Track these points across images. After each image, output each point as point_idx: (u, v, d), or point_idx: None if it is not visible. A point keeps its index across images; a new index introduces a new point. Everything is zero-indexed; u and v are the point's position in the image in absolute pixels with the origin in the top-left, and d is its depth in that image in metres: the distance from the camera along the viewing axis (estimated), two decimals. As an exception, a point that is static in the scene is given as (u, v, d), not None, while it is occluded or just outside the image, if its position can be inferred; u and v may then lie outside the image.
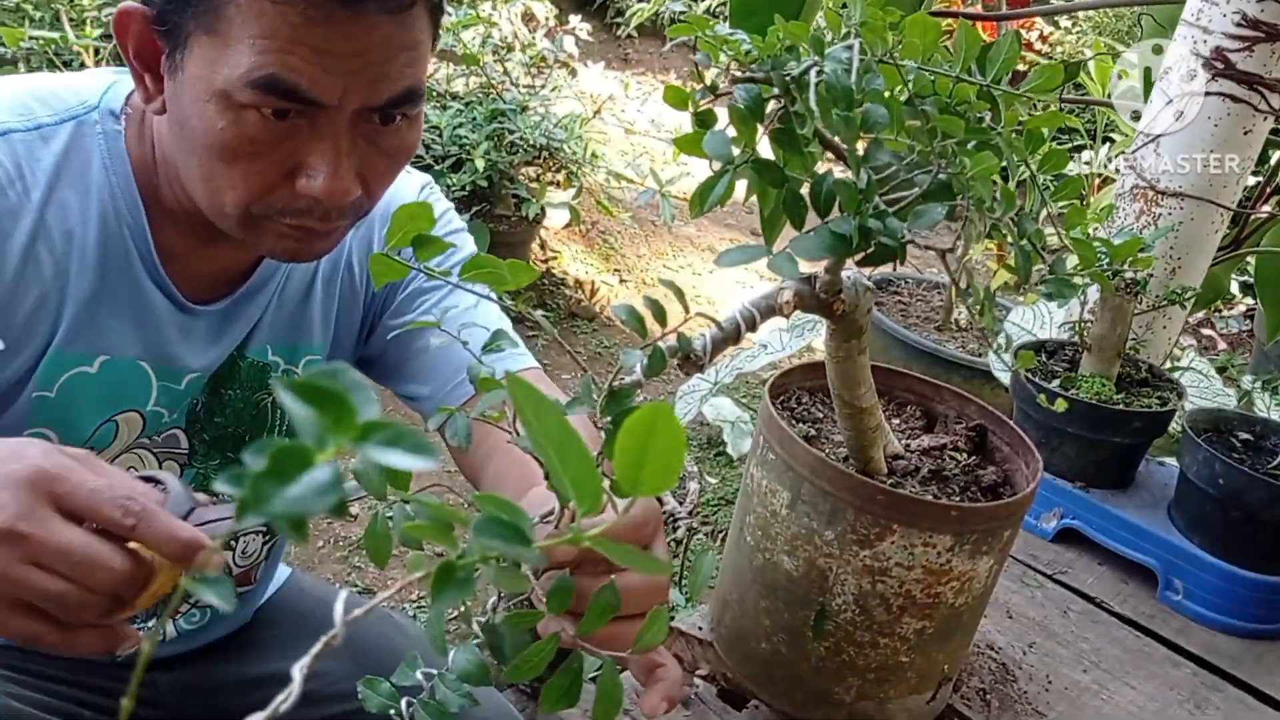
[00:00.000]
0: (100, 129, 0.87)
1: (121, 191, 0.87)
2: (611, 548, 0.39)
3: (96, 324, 0.88)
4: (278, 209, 0.80)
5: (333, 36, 0.73)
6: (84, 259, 0.86)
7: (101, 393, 0.90)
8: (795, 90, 0.61)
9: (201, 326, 0.94)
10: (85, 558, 0.57)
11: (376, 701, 0.62)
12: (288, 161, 0.78)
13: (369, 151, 0.81)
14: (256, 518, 0.25)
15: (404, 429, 0.26)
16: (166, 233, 0.90)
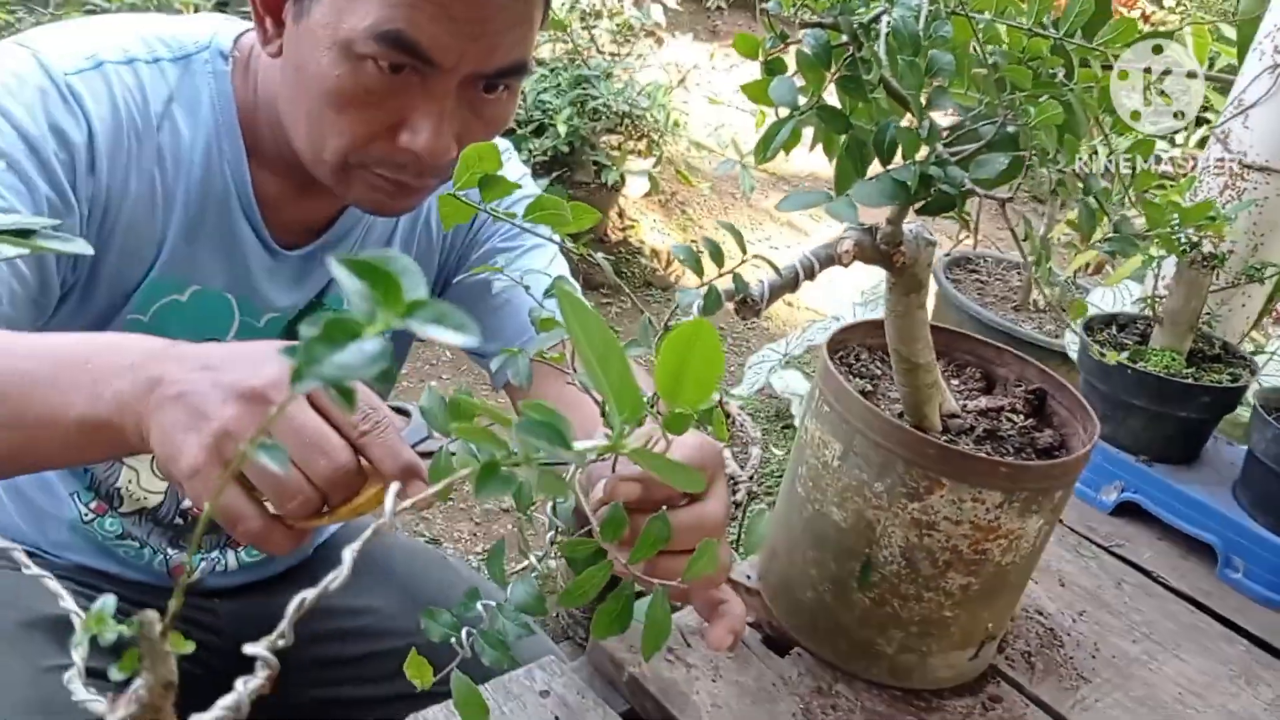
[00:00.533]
0: (210, 69, 0.91)
1: (226, 130, 0.91)
2: (646, 457, 0.41)
3: (192, 255, 0.93)
4: (374, 159, 0.84)
5: (458, 2, 0.77)
6: (189, 190, 0.91)
7: (188, 321, 0.94)
8: (863, 36, 0.62)
9: (285, 270, 0.98)
10: (315, 442, 0.59)
11: (438, 630, 0.65)
12: (393, 115, 0.82)
13: (469, 116, 0.85)
14: (310, 383, 0.27)
15: (447, 308, 0.28)
16: (263, 175, 0.94)
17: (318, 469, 0.60)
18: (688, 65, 4.97)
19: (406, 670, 0.57)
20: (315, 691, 1.14)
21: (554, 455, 0.38)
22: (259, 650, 0.36)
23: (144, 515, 1.05)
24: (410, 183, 0.87)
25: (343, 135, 0.83)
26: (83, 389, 0.64)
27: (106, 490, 1.02)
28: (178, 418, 0.60)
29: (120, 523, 1.04)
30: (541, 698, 0.75)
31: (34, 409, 0.65)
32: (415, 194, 0.89)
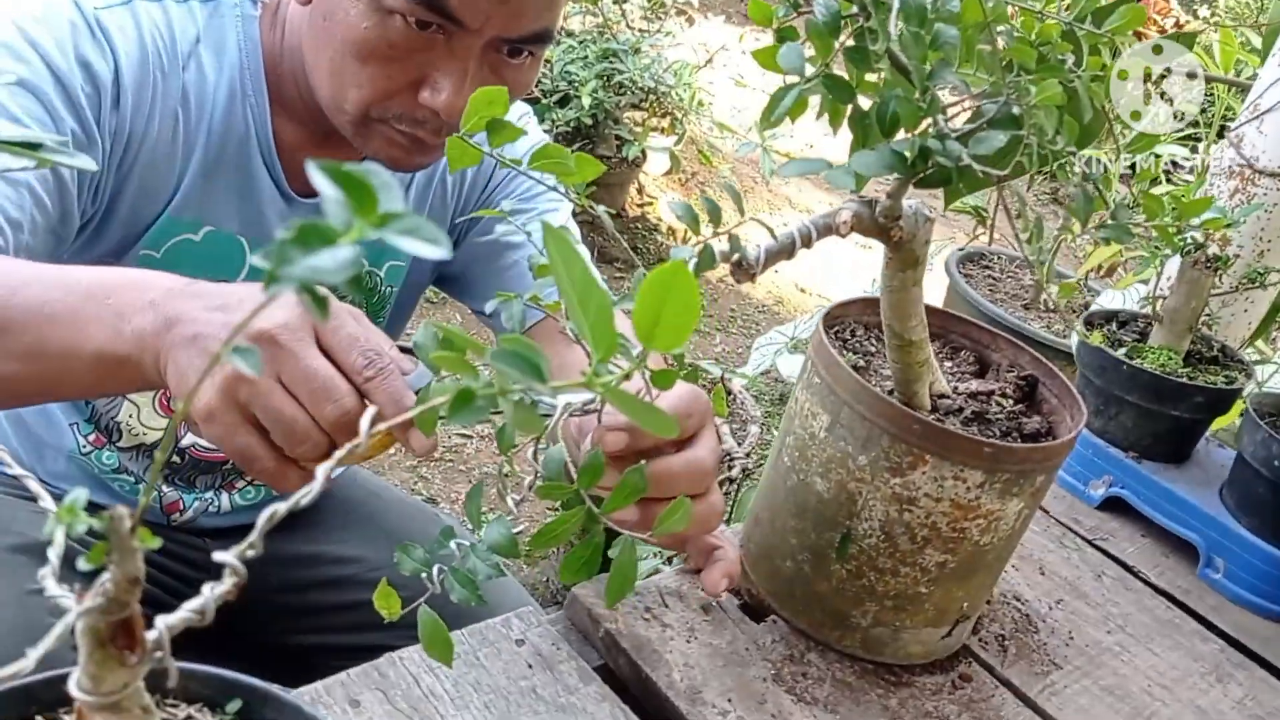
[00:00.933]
0: (239, 12, 0.92)
1: (251, 74, 0.92)
2: (619, 396, 0.41)
3: (208, 195, 0.94)
4: (394, 114, 0.85)
5: None
6: (210, 130, 0.92)
7: (200, 261, 0.96)
8: (872, 7, 0.62)
9: (300, 218, 0.99)
10: (324, 386, 0.61)
11: (409, 565, 0.66)
12: (416, 71, 0.83)
13: (491, 79, 0.86)
14: (283, 284, 0.28)
15: (421, 221, 0.29)
16: (283, 122, 0.95)
17: (325, 413, 0.61)
18: (716, 46, 4.95)
19: (375, 600, 0.58)
20: (304, 638, 1.16)
21: (528, 387, 0.39)
22: (227, 558, 0.37)
23: (141, 451, 1.06)
24: (427, 139, 0.88)
25: (364, 87, 0.84)
26: (103, 324, 0.66)
27: (106, 424, 1.04)
28: (193, 359, 0.61)
29: (117, 456, 1.06)
30: (517, 646, 0.76)
31: (55, 341, 0.67)
32: (431, 151, 0.90)
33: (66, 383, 0.71)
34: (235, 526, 1.15)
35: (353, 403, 0.63)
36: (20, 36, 0.81)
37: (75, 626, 0.34)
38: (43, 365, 0.68)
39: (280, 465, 0.64)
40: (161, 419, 1.04)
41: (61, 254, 0.88)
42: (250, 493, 1.14)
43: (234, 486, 1.13)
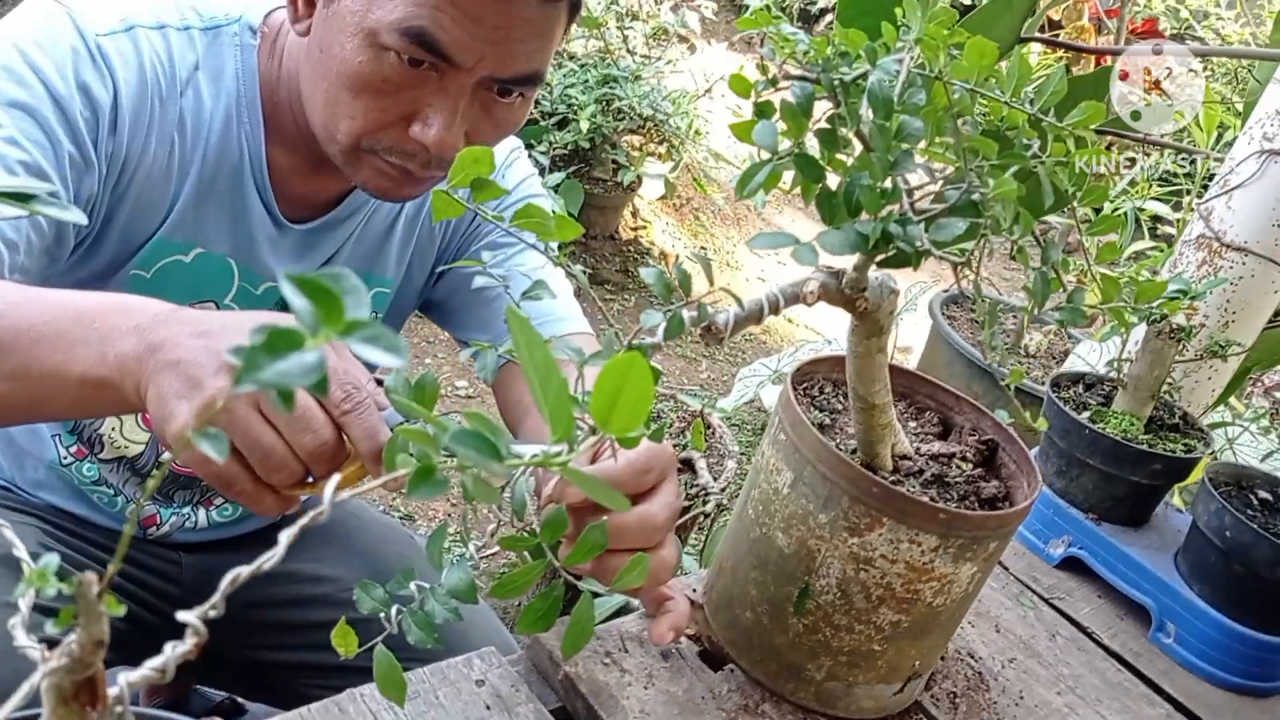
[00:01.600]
0: (238, 40, 0.95)
1: (247, 102, 0.95)
2: (576, 474, 0.44)
3: (200, 218, 0.96)
4: (384, 146, 0.88)
5: (485, 9, 0.81)
6: (205, 156, 0.94)
7: (190, 281, 0.98)
8: (842, 95, 0.65)
9: (289, 243, 1.01)
10: (301, 417, 0.63)
11: (368, 604, 0.68)
12: (408, 106, 0.86)
13: (481, 116, 0.88)
14: (248, 385, 0.30)
15: (382, 330, 0.31)
16: (277, 149, 0.97)
17: (302, 443, 0.64)
18: (717, 74, 5.00)
19: (333, 638, 0.60)
20: (275, 654, 1.17)
21: (484, 467, 0.41)
22: (190, 618, 0.39)
23: (122, 463, 1.08)
24: (415, 172, 0.90)
25: (356, 119, 0.86)
26: (88, 347, 0.68)
27: (89, 435, 1.06)
28: (173, 384, 0.63)
29: (98, 468, 1.07)
30: (476, 686, 0.78)
31: (39, 363, 0.69)
32: (419, 183, 0.93)
33: (51, 404, 0.73)
34: (210, 541, 1.17)
35: (330, 434, 0.65)
36: (22, 60, 0.83)
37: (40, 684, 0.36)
38: (28, 386, 0.70)
39: (257, 489, 0.66)
40: (143, 433, 1.06)
41: (54, 273, 0.90)
42: (227, 509, 1.16)
43: (211, 503, 1.14)
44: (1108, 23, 3.56)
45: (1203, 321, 1.21)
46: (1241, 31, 4.65)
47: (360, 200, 1.04)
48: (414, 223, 1.11)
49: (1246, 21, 4.68)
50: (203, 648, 0.38)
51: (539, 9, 0.83)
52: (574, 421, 0.42)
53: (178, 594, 1.13)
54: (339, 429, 0.65)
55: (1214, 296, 1.20)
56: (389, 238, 1.09)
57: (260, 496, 0.66)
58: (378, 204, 1.06)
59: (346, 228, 1.05)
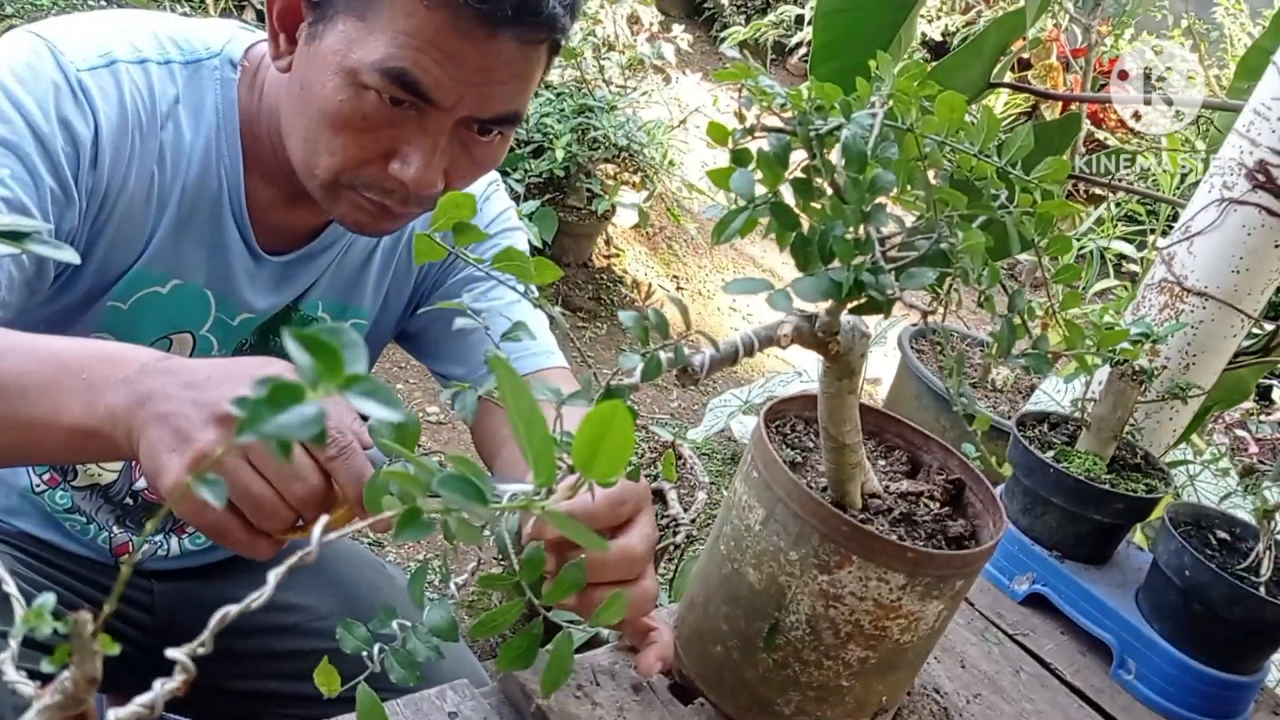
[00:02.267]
0: (218, 75, 0.95)
1: (226, 135, 0.95)
2: (557, 518, 0.45)
3: (178, 250, 0.96)
4: (363, 182, 0.88)
5: (466, 50, 0.82)
6: (184, 188, 0.95)
7: (166, 312, 0.98)
8: (817, 146, 0.67)
9: (266, 274, 1.02)
10: (290, 465, 0.64)
11: (352, 643, 0.68)
12: (388, 144, 0.87)
13: (460, 155, 0.90)
14: (250, 437, 0.31)
15: (380, 386, 0.32)
16: (255, 182, 0.98)
17: (292, 491, 0.65)
18: (691, 105, 5.05)
19: (316, 678, 0.61)
20: (243, 683, 1.17)
21: (469, 510, 0.42)
22: (179, 655, 0.40)
23: (95, 491, 1.08)
24: (393, 208, 0.91)
25: (335, 155, 0.87)
26: (78, 397, 0.68)
27: (62, 464, 1.06)
28: (162, 437, 0.64)
29: (71, 496, 1.07)
30: (449, 718, 0.79)
31: (28, 412, 0.69)
32: (396, 219, 0.93)
33: (39, 452, 0.73)
34: (182, 569, 1.17)
35: (318, 480, 0.66)
36: (3, 95, 0.83)
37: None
38: (15, 436, 0.70)
39: (250, 537, 0.67)
40: (117, 460, 1.06)
41: (31, 305, 0.91)
42: (199, 538, 1.16)
43: (183, 531, 1.14)
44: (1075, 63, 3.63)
45: (1164, 364, 1.24)
46: (1206, 73, 4.76)
47: (338, 233, 1.05)
48: (391, 254, 1.12)
49: (1211, 64, 4.79)
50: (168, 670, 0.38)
51: (519, 51, 0.85)
52: (555, 467, 0.44)
53: (149, 621, 1.12)
54: (326, 474, 0.66)
55: (1175, 340, 1.23)
56: (366, 269, 1.10)
57: (254, 543, 0.67)
58: (355, 236, 1.07)
59: (324, 260, 1.06)
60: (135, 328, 0.98)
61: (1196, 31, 4.77)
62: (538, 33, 0.85)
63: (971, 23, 5.03)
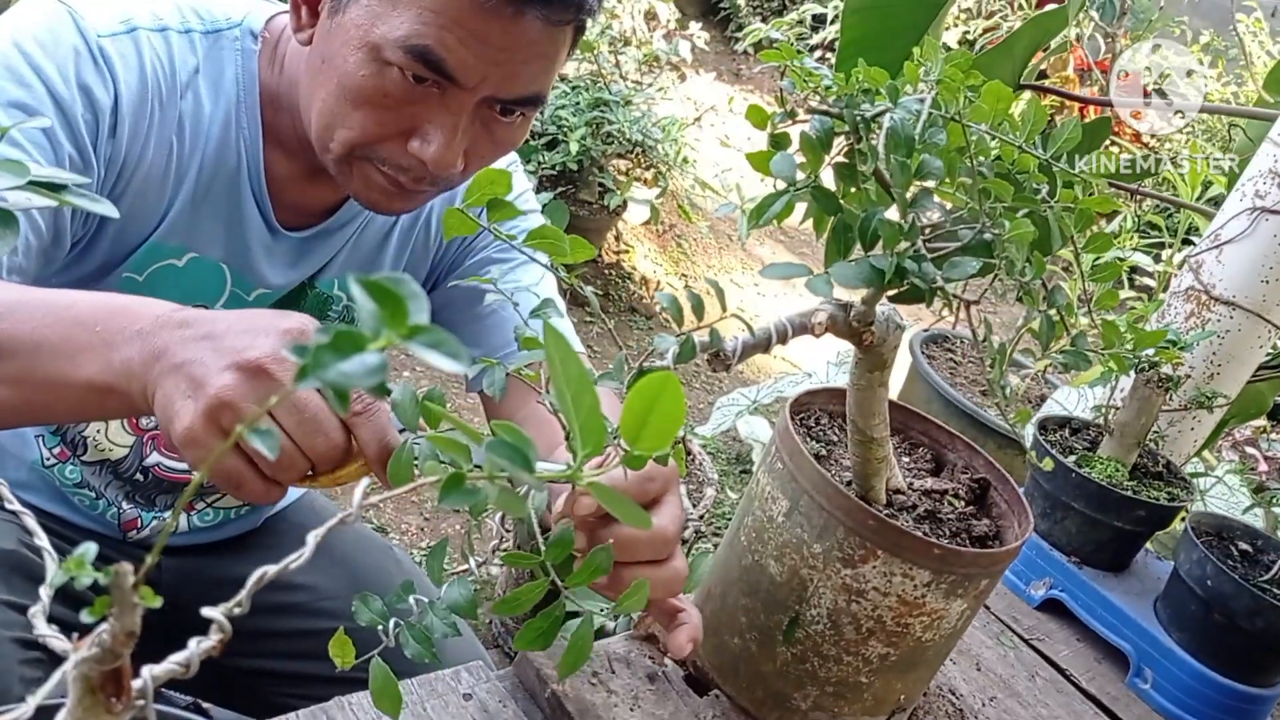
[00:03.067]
0: (239, 46, 0.94)
1: (246, 108, 0.94)
2: (601, 490, 0.44)
3: (195, 222, 0.95)
4: (380, 157, 0.87)
5: (491, 29, 0.80)
6: (203, 160, 0.93)
7: (181, 286, 0.97)
8: (863, 130, 0.66)
9: (283, 250, 1.01)
10: (313, 418, 0.62)
11: (367, 616, 0.67)
12: (408, 121, 0.85)
13: (481, 135, 0.88)
14: (312, 382, 0.30)
15: (445, 336, 0.31)
16: (274, 155, 0.96)
17: (314, 444, 0.63)
18: (706, 104, 5.04)
19: (330, 649, 0.60)
20: (246, 661, 1.16)
21: (516, 476, 0.41)
22: (215, 614, 0.39)
23: (105, 466, 1.07)
24: (409, 186, 0.89)
25: (354, 130, 0.85)
26: (92, 353, 0.67)
27: (72, 437, 1.04)
28: (178, 384, 0.63)
29: (80, 471, 1.06)
30: (464, 700, 0.78)
31: (42, 368, 0.68)
32: (410, 197, 0.92)
33: (54, 409, 0.72)
34: (190, 546, 1.16)
35: (340, 437, 0.65)
36: (24, 60, 0.82)
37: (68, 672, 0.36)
38: (30, 391, 0.69)
39: (265, 486, 0.66)
40: (128, 435, 1.05)
41: (47, 274, 0.90)
42: (209, 514, 1.15)
43: (193, 508, 1.13)
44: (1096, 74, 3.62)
45: (1188, 373, 1.23)
46: (1223, 90, 4.75)
47: (355, 209, 1.04)
48: (409, 234, 1.11)
49: (1228, 81, 4.78)
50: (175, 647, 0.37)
51: (544, 31, 0.83)
52: (605, 437, 0.43)
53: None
54: (348, 430, 0.65)
55: (1200, 348, 1.22)
56: (384, 248, 1.09)
57: (268, 492, 0.66)
58: (373, 214, 1.06)
59: (341, 236, 1.05)
60: None
61: (1215, 48, 4.77)
62: (564, 13, 0.83)
63: (993, 28, 5.02)
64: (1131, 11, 3.07)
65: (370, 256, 1.08)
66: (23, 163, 0.45)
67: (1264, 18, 4.73)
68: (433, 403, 0.62)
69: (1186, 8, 4.95)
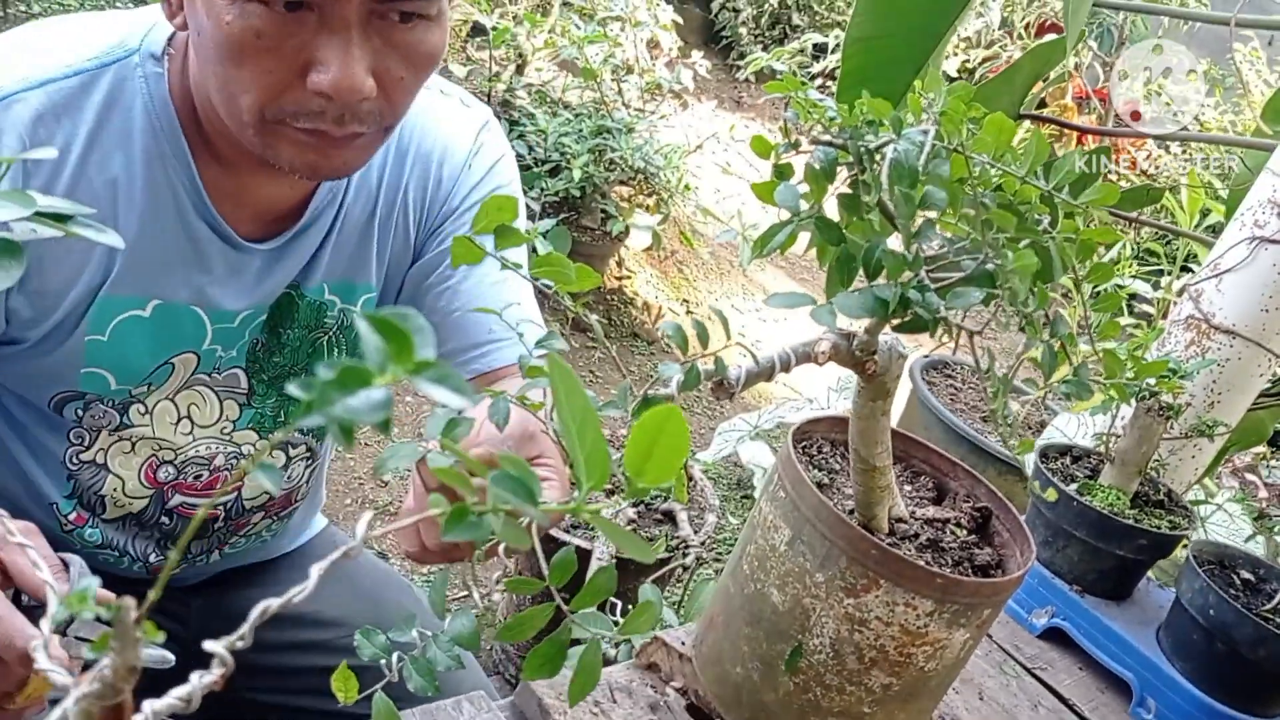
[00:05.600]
0: (141, 72, 0.88)
1: (166, 134, 0.88)
2: (605, 525, 0.44)
3: (146, 268, 0.90)
4: (290, 111, 0.80)
5: None
6: (130, 204, 0.88)
7: (155, 335, 0.93)
8: (867, 161, 0.66)
9: (253, 264, 0.96)
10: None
11: (369, 651, 0.67)
12: (298, 58, 0.78)
13: (384, 50, 0.80)
14: (318, 419, 0.30)
15: (450, 371, 0.32)
16: (213, 170, 0.91)
17: None
18: (707, 130, 5.06)
19: (333, 683, 0.60)
20: (276, 698, 1.15)
21: (520, 509, 0.41)
22: (217, 648, 0.38)
23: (128, 520, 1.05)
24: (330, 131, 0.81)
25: (250, 91, 0.79)
26: None
27: (89, 499, 1.02)
28: None
29: (100, 532, 1.04)
30: (466, 729, 0.77)
31: None
32: (342, 146, 0.84)
33: None
34: (216, 578, 1.15)
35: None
36: None
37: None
38: None
39: None
40: (146, 488, 1.03)
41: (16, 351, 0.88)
42: (240, 542, 1.14)
43: (224, 545, 1.12)
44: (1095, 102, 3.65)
45: (1189, 401, 1.23)
46: (1220, 119, 4.78)
47: (324, 202, 0.98)
48: (388, 222, 1.04)
49: (1225, 110, 4.81)
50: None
51: None
52: (609, 470, 0.43)
53: (183, 634, 1.09)
54: None
55: (1201, 377, 1.22)
56: (367, 244, 1.03)
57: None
58: (346, 208, 1.00)
59: (314, 236, 0.99)
60: (125, 357, 0.93)
61: (1212, 77, 4.79)
62: None
63: (992, 57, 5.05)
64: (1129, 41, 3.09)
65: (356, 254, 1.03)
66: (28, 194, 0.45)
67: (1260, 47, 4.76)
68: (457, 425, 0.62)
69: (1184, 37, 4.99)
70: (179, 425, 1.00)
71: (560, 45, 4.04)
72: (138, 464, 1.01)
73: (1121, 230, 2.14)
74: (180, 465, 1.02)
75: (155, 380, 0.96)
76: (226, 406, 1.02)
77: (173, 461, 1.02)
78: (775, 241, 0.68)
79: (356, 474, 2.85)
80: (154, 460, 1.01)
